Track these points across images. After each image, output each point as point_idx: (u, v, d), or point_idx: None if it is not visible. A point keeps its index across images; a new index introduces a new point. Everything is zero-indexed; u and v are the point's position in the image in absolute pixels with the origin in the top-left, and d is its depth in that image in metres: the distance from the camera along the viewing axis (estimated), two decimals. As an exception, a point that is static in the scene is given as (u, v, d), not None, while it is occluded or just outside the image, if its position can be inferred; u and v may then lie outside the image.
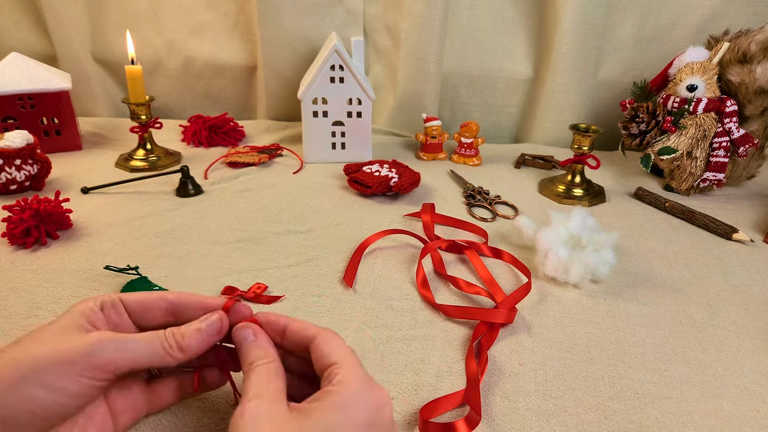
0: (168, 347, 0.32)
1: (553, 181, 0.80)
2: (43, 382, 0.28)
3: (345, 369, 0.30)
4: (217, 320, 0.34)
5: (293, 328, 0.34)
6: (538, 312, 0.51)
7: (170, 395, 0.36)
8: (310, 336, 0.33)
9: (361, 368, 0.31)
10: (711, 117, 0.75)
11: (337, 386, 0.29)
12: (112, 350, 0.30)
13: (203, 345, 0.33)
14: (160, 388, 0.36)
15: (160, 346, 0.32)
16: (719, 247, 0.65)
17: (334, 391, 0.29)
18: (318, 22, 0.97)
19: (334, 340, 0.32)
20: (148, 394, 0.35)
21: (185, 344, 0.32)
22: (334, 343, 0.32)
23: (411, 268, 0.58)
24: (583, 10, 0.88)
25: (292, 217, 0.68)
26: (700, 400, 0.41)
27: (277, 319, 0.35)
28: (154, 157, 0.83)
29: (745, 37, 0.73)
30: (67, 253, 0.58)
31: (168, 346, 0.32)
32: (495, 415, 0.39)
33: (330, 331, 0.33)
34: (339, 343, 0.32)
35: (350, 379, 0.29)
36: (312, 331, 0.33)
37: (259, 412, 0.28)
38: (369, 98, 0.82)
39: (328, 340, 0.32)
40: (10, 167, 0.69)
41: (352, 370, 0.30)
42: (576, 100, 0.96)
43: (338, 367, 0.30)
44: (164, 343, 0.32)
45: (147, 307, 0.35)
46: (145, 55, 1.02)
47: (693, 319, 0.51)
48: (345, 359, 0.31)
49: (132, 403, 0.34)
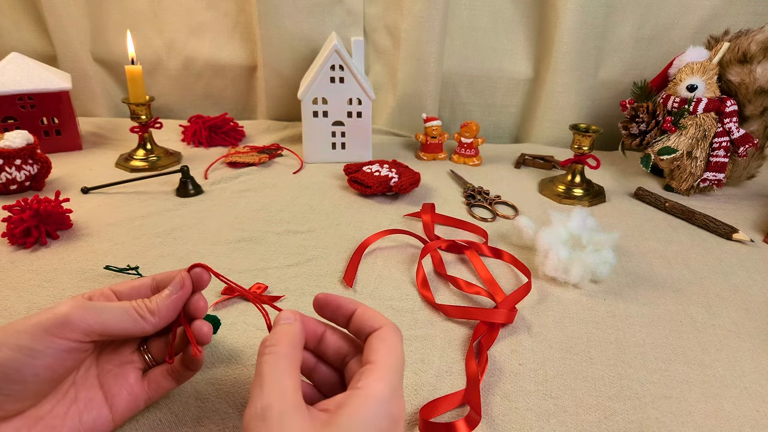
0: (140, 310, 0.33)
1: (553, 181, 0.80)
2: (16, 345, 0.28)
3: (379, 371, 0.28)
4: (179, 278, 0.35)
5: (361, 315, 0.33)
6: (538, 312, 0.51)
7: (166, 381, 0.36)
8: (374, 327, 0.32)
9: (396, 375, 0.29)
10: (711, 117, 0.75)
11: (364, 389, 0.27)
12: (84, 311, 0.30)
13: (171, 305, 0.34)
14: (155, 375, 0.36)
15: (132, 309, 0.33)
16: (719, 247, 0.65)
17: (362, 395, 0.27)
18: (318, 22, 0.97)
19: (391, 338, 0.31)
20: (146, 383, 0.36)
21: (154, 307, 0.33)
22: (387, 342, 0.31)
23: (411, 268, 0.58)
24: (583, 10, 0.88)
25: (292, 217, 0.68)
26: (700, 400, 0.41)
27: (348, 303, 0.34)
28: (154, 157, 0.83)
29: (745, 37, 0.73)
30: (67, 253, 0.58)
31: (139, 308, 0.33)
32: (495, 415, 0.39)
33: (392, 328, 0.32)
34: (392, 344, 0.31)
35: (379, 384, 0.28)
36: (379, 322, 0.32)
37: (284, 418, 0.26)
38: (369, 98, 0.82)
39: (385, 336, 0.31)
40: (10, 167, 0.69)
41: (386, 374, 0.29)
42: (576, 100, 0.96)
43: (372, 369, 0.29)
44: (136, 307, 0.33)
45: (136, 288, 0.36)
46: (145, 55, 1.02)
47: (693, 319, 0.51)
48: (385, 361, 0.29)
49: (129, 392, 0.35)
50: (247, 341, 0.45)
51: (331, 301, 0.34)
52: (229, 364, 0.42)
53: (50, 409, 0.31)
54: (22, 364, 0.28)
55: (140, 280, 0.36)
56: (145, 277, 0.37)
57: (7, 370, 0.28)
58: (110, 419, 0.33)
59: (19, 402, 0.29)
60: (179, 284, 0.35)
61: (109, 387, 0.34)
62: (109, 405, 0.33)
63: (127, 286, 0.36)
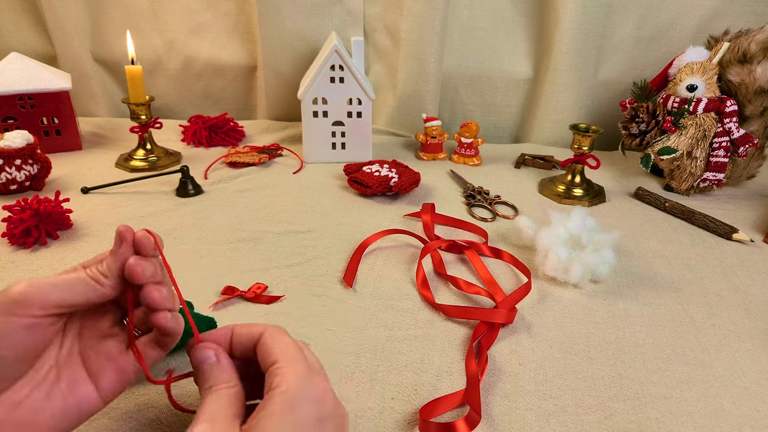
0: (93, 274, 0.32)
1: (553, 181, 0.80)
2: None
3: (284, 368, 0.29)
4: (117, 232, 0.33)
5: (240, 331, 0.33)
6: (538, 312, 0.51)
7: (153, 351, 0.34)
8: (255, 334, 0.32)
9: (302, 362, 0.30)
10: (711, 117, 0.75)
11: (278, 388, 0.28)
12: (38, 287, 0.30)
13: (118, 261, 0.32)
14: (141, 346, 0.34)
15: (86, 276, 0.32)
16: (719, 247, 0.65)
17: (278, 393, 0.28)
18: (318, 22, 0.97)
19: (278, 337, 0.32)
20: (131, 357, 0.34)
21: (105, 269, 0.32)
22: (276, 340, 0.31)
23: (411, 268, 0.58)
24: (583, 10, 0.88)
25: (292, 217, 0.68)
26: (700, 400, 0.41)
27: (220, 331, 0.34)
28: (154, 157, 0.83)
29: (745, 37, 0.73)
30: (67, 253, 0.58)
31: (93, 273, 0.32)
32: (495, 415, 0.39)
33: (275, 328, 0.32)
34: (282, 339, 0.31)
35: (290, 378, 0.28)
36: (258, 329, 0.32)
37: None
38: (369, 98, 0.82)
39: (272, 337, 0.31)
40: (10, 167, 0.69)
41: (292, 366, 0.29)
42: (576, 100, 0.96)
43: (278, 367, 0.29)
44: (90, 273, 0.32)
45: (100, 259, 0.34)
46: (145, 55, 1.02)
47: (693, 319, 0.51)
48: (285, 356, 0.30)
49: (114, 367, 0.33)
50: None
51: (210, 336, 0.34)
52: (229, 364, 0.42)
53: (28, 393, 0.30)
54: None
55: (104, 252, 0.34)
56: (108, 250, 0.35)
57: None
58: (97, 397, 0.32)
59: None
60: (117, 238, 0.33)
61: (92, 363, 0.33)
62: (94, 382, 0.32)
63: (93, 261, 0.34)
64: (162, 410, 0.38)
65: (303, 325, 0.48)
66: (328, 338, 0.46)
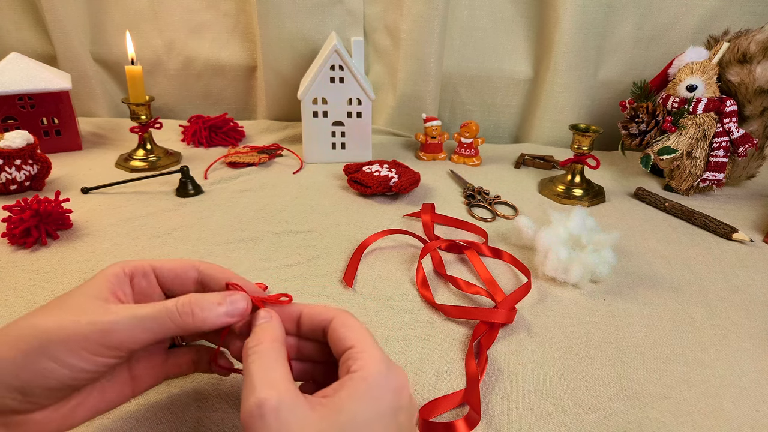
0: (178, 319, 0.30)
1: (553, 181, 0.80)
2: (55, 357, 0.27)
3: (365, 352, 0.29)
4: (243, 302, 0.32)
5: (308, 313, 0.33)
6: (538, 312, 0.51)
7: (187, 366, 0.36)
8: (326, 319, 0.32)
9: (380, 350, 0.29)
10: (711, 117, 0.75)
11: (359, 372, 0.28)
12: (125, 331, 0.29)
13: (219, 322, 0.31)
14: (179, 358, 0.36)
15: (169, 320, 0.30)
16: (719, 247, 0.65)
17: (358, 378, 0.27)
18: (318, 22, 0.97)
19: (351, 322, 0.31)
20: (168, 362, 0.35)
21: (200, 316, 0.30)
22: (350, 325, 0.31)
23: (411, 268, 0.58)
24: (583, 10, 0.88)
25: (292, 217, 0.68)
26: (700, 400, 0.41)
27: (290, 306, 0.33)
28: (154, 157, 0.83)
29: (744, 37, 0.73)
30: (67, 253, 0.58)
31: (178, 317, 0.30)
32: (495, 415, 0.39)
33: (346, 313, 0.32)
34: (355, 325, 0.31)
35: (371, 363, 0.28)
36: (328, 314, 0.32)
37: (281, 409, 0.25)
38: (369, 98, 0.82)
39: (344, 322, 0.31)
40: (10, 167, 0.69)
41: (372, 352, 0.29)
42: (576, 100, 0.96)
43: (357, 351, 0.29)
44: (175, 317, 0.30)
45: (179, 275, 0.34)
46: (145, 55, 1.02)
47: (693, 319, 0.51)
48: (363, 341, 0.29)
49: (152, 370, 0.34)
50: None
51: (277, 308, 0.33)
52: (229, 364, 0.42)
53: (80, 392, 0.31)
54: (61, 375, 0.28)
55: (182, 264, 0.34)
56: (185, 261, 0.35)
57: (47, 379, 0.28)
58: (131, 394, 0.34)
59: (56, 399, 0.29)
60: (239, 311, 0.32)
61: (135, 367, 0.34)
62: (131, 383, 0.33)
63: (170, 271, 0.34)
64: (162, 410, 0.38)
65: (303, 325, 0.48)
66: (328, 338, 0.47)
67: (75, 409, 0.31)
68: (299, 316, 0.33)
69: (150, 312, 0.30)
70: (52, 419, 0.30)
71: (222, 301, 0.31)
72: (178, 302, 0.30)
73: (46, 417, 0.29)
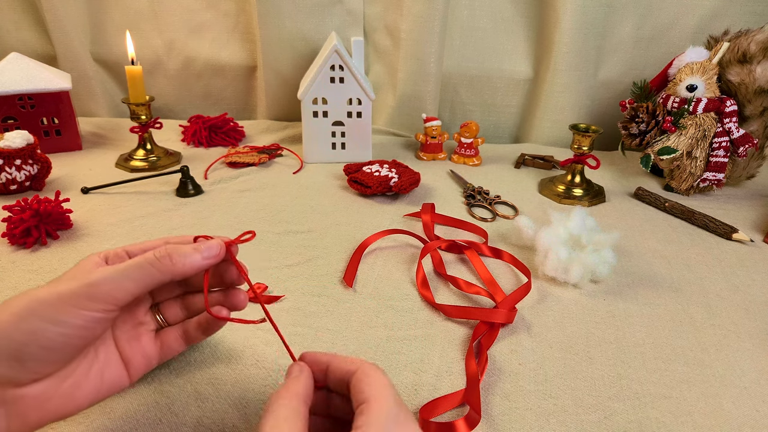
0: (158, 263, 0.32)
1: (553, 181, 0.80)
2: (45, 316, 0.29)
3: (372, 408, 0.28)
4: (216, 246, 0.35)
5: (335, 364, 0.32)
6: (538, 312, 0.51)
7: (177, 343, 0.38)
8: (350, 371, 0.31)
9: (392, 404, 0.28)
10: (711, 117, 0.75)
11: (362, 428, 0.27)
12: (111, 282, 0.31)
13: (198, 264, 0.34)
14: (168, 338, 0.38)
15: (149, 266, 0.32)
16: (719, 247, 0.65)
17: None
18: (318, 22, 0.97)
19: (371, 374, 0.30)
20: (158, 344, 0.37)
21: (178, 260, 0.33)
22: (369, 378, 0.30)
23: (411, 268, 0.58)
24: (583, 10, 0.88)
25: (292, 217, 0.68)
26: (700, 400, 0.41)
27: (321, 357, 0.33)
28: (154, 157, 0.83)
29: (744, 37, 0.73)
30: (67, 253, 0.58)
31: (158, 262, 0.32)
32: (495, 415, 0.39)
33: (369, 365, 0.31)
34: (375, 378, 0.30)
35: (375, 420, 0.27)
36: (353, 366, 0.31)
37: None
38: (369, 98, 0.82)
39: (365, 374, 0.30)
40: (10, 167, 0.69)
41: (381, 407, 0.28)
42: (576, 100, 0.96)
43: (366, 406, 0.28)
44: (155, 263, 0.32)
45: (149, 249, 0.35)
46: (145, 55, 1.02)
47: (693, 319, 0.51)
48: (376, 395, 0.29)
49: (142, 352, 0.36)
50: (248, 341, 0.45)
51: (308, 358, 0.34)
52: (229, 364, 0.42)
53: (75, 368, 0.32)
54: (52, 333, 0.29)
55: (153, 243, 0.36)
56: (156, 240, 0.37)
57: (39, 339, 0.29)
58: (127, 378, 0.35)
59: (51, 365, 0.30)
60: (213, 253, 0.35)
61: (124, 348, 0.35)
62: (125, 365, 0.35)
63: (140, 249, 0.36)
64: (162, 410, 0.38)
65: (303, 325, 0.48)
66: (328, 338, 0.47)
67: (74, 390, 0.31)
68: (327, 367, 0.33)
69: (132, 262, 0.32)
70: (51, 398, 0.30)
71: (198, 246, 0.35)
72: (156, 251, 0.33)
73: (44, 393, 0.30)
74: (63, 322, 0.29)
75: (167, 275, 0.33)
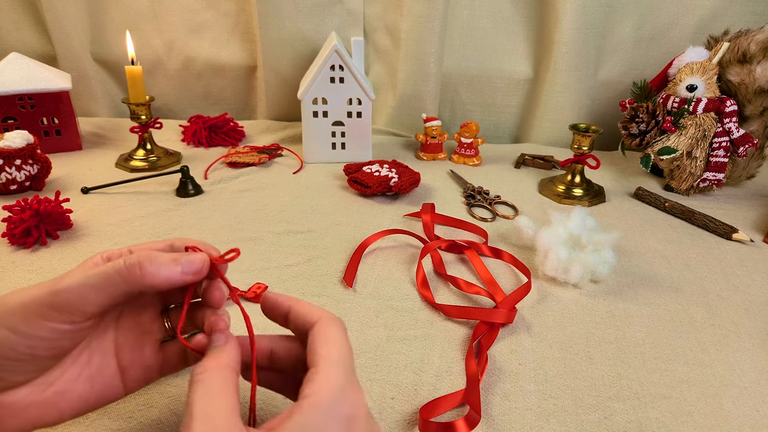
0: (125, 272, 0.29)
1: (553, 181, 0.80)
2: (10, 325, 0.27)
3: (321, 373, 0.26)
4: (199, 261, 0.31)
5: (297, 311, 0.31)
6: (538, 312, 0.51)
7: (179, 359, 0.35)
8: (309, 322, 0.30)
9: (341, 371, 0.27)
10: (711, 117, 0.75)
11: (310, 398, 0.25)
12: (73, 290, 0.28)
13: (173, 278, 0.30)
14: (170, 353, 0.34)
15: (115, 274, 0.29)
16: (719, 247, 0.65)
17: (308, 405, 0.25)
18: (318, 22, 0.97)
19: (329, 332, 0.29)
20: (160, 357, 0.34)
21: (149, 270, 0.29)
22: (326, 335, 0.29)
23: (411, 268, 0.58)
24: (583, 10, 0.88)
25: (292, 217, 0.68)
26: (700, 400, 0.41)
27: (282, 302, 0.32)
28: (154, 157, 0.83)
29: (744, 37, 0.73)
30: (67, 253, 0.58)
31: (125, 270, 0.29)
32: (495, 415, 0.39)
33: (328, 320, 0.30)
34: (331, 336, 0.29)
35: (324, 387, 0.26)
36: (313, 317, 0.30)
37: None
38: (369, 98, 0.82)
39: (322, 331, 0.29)
40: (10, 167, 0.69)
41: (330, 372, 0.27)
42: (576, 100, 0.96)
43: (315, 372, 0.27)
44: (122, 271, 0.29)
45: None
46: (145, 55, 1.02)
47: (693, 319, 0.51)
48: (328, 359, 0.27)
49: (143, 362, 0.33)
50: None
51: (269, 300, 0.32)
52: (229, 364, 0.42)
53: (60, 374, 0.30)
54: (16, 344, 0.27)
55: (157, 244, 0.33)
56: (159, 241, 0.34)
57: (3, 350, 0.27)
58: (122, 389, 0.33)
59: (22, 375, 0.29)
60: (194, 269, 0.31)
61: (123, 356, 0.33)
62: (121, 376, 0.32)
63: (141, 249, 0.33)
64: (162, 410, 0.38)
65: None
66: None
67: (59, 398, 0.30)
68: (288, 311, 0.31)
69: (99, 269, 0.29)
70: (30, 405, 0.29)
71: (177, 258, 0.30)
72: (126, 258, 0.29)
73: (22, 400, 0.29)
74: (26, 334, 0.27)
75: (134, 286, 0.29)
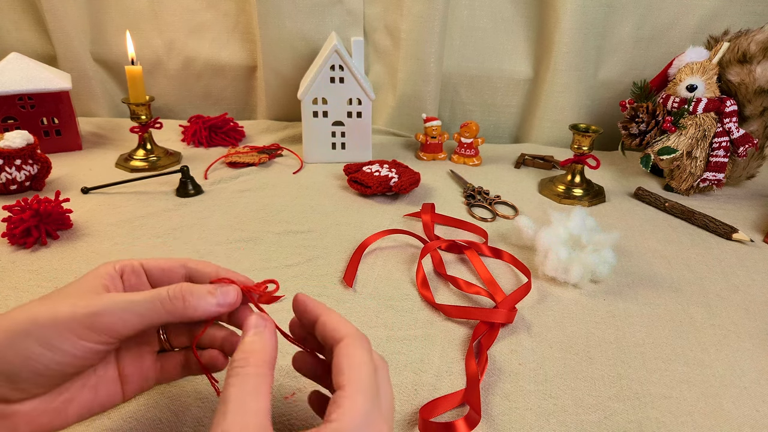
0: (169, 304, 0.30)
1: (553, 181, 0.80)
2: (42, 340, 0.27)
3: (347, 399, 0.26)
4: (233, 293, 0.32)
5: (324, 322, 0.31)
6: (538, 312, 0.51)
7: (176, 370, 0.35)
8: (336, 339, 0.30)
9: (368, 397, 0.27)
10: (711, 117, 0.75)
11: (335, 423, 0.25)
12: (115, 314, 0.29)
13: (210, 311, 0.31)
14: (168, 363, 0.35)
15: (159, 304, 0.30)
16: (719, 247, 0.65)
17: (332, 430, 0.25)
18: (318, 22, 0.97)
19: (355, 353, 0.29)
20: (159, 366, 0.35)
21: (191, 303, 0.30)
22: (352, 358, 0.28)
23: (411, 268, 0.58)
24: (583, 10, 0.88)
25: (292, 217, 0.68)
26: (700, 400, 0.41)
27: (312, 309, 0.32)
28: (154, 157, 0.83)
29: (744, 37, 0.73)
30: (67, 253, 0.58)
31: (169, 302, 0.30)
32: (495, 415, 0.39)
33: (355, 339, 0.29)
34: (358, 358, 0.28)
35: (350, 414, 0.26)
36: (340, 333, 0.30)
37: None
38: (369, 98, 0.82)
39: (349, 353, 0.29)
40: (10, 167, 0.69)
41: (356, 399, 0.26)
42: (576, 100, 0.96)
43: (341, 396, 0.27)
44: (166, 302, 0.30)
45: (167, 272, 0.34)
46: (145, 55, 1.02)
47: (693, 319, 0.51)
48: (354, 383, 0.27)
49: (141, 372, 0.34)
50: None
51: (300, 304, 0.33)
52: (229, 364, 0.42)
53: (70, 385, 0.31)
54: (46, 359, 0.28)
55: (169, 262, 0.34)
56: (174, 258, 0.35)
57: (32, 364, 0.27)
58: (121, 396, 0.33)
59: (44, 387, 0.29)
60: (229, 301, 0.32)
61: (124, 366, 0.33)
62: (121, 383, 0.33)
63: (158, 268, 0.34)
64: (162, 410, 0.38)
65: (303, 325, 0.48)
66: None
67: (66, 405, 0.30)
68: (316, 320, 0.32)
69: (142, 297, 0.30)
70: (43, 413, 0.29)
71: (213, 291, 0.31)
72: (170, 289, 0.30)
73: (36, 409, 0.29)
74: (59, 350, 0.28)
75: (176, 317, 0.30)
